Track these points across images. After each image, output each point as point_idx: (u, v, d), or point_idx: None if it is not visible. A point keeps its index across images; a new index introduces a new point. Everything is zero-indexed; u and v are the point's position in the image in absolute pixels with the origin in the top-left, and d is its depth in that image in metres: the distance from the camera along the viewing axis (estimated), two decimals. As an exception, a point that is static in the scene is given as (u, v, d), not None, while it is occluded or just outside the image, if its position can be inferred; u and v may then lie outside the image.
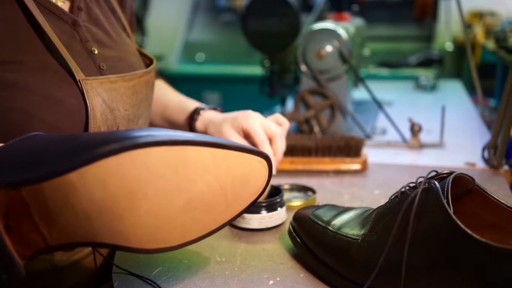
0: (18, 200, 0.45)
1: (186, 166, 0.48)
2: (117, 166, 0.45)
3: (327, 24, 1.20)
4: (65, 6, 0.72)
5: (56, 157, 0.46)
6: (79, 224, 0.46)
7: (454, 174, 0.51)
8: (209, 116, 0.87)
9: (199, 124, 0.88)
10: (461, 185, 0.53)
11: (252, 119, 0.80)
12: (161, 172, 0.47)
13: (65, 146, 0.47)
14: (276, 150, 0.80)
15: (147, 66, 0.83)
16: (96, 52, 0.72)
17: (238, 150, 0.51)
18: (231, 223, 0.72)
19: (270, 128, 0.81)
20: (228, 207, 0.52)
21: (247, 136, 0.80)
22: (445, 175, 0.52)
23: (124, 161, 0.45)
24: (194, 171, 0.49)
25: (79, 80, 0.66)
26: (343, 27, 1.21)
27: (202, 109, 0.89)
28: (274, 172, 0.76)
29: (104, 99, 0.68)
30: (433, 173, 0.53)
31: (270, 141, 0.80)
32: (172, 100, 0.95)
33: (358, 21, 1.53)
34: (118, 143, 0.45)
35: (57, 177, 0.44)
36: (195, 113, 0.88)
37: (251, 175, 0.53)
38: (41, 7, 0.67)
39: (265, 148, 0.78)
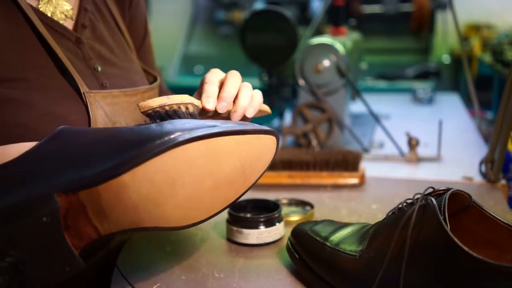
0: (76, 202, 0.51)
1: (216, 153, 0.55)
2: (163, 163, 0.51)
3: (325, 39, 1.21)
4: (68, 23, 0.73)
5: (105, 159, 0.51)
6: (128, 215, 0.52)
7: (451, 190, 0.51)
8: None
9: None
10: (458, 201, 0.53)
11: (211, 71, 0.69)
12: (196, 162, 0.53)
13: (109, 145, 0.53)
14: (224, 88, 0.65)
15: (151, 83, 0.84)
16: (99, 69, 0.73)
17: (256, 133, 0.58)
18: (231, 239, 0.73)
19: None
20: (245, 181, 0.59)
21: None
22: (442, 191, 0.52)
23: (169, 158, 0.51)
24: (222, 156, 0.55)
25: (83, 92, 0.67)
26: (341, 42, 1.22)
27: None
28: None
29: (106, 113, 0.69)
30: (430, 190, 0.53)
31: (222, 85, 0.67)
32: None
33: (356, 35, 1.54)
34: (161, 141, 0.51)
35: (113, 179, 0.50)
36: None
37: (264, 151, 0.60)
38: (45, 24, 0.68)
39: (208, 87, 0.65)
